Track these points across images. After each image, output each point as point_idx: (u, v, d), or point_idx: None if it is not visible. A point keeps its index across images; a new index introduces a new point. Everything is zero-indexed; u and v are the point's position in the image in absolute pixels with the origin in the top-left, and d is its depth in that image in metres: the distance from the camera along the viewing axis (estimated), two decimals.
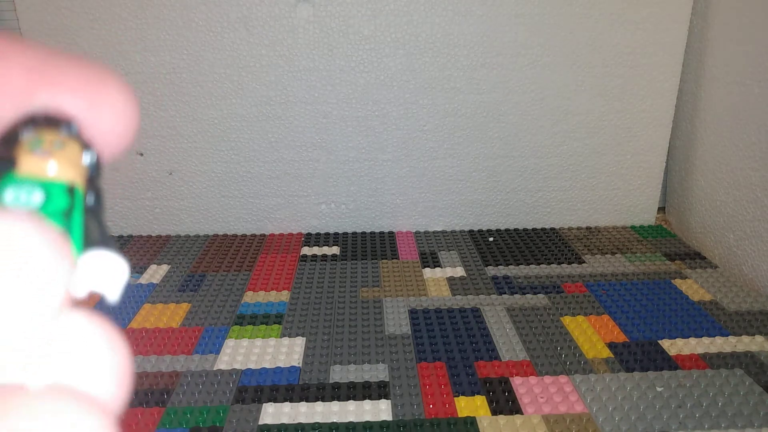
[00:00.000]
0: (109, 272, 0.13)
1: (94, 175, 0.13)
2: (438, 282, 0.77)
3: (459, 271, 0.79)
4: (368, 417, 0.53)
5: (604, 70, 0.86)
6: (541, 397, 0.55)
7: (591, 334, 0.65)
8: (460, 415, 0.53)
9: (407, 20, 0.82)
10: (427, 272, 0.79)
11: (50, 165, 0.12)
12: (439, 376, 0.58)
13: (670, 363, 0.60)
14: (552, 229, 0.93)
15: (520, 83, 0.86)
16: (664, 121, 0.89)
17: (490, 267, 0.81)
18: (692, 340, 0.64)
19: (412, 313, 0.70)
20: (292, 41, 0.82)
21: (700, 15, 0.84)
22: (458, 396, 0.56)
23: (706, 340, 0.64)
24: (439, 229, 0.93)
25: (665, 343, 0.63)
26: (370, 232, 0.92)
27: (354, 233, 0.92)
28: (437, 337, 0.65)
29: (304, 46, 0.82)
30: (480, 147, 0.89)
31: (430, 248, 0.87)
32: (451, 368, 0.59)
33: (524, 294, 0.74)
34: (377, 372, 0.59)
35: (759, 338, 0.64)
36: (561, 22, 0.83)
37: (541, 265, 0.81)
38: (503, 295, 0.73)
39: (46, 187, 0.12)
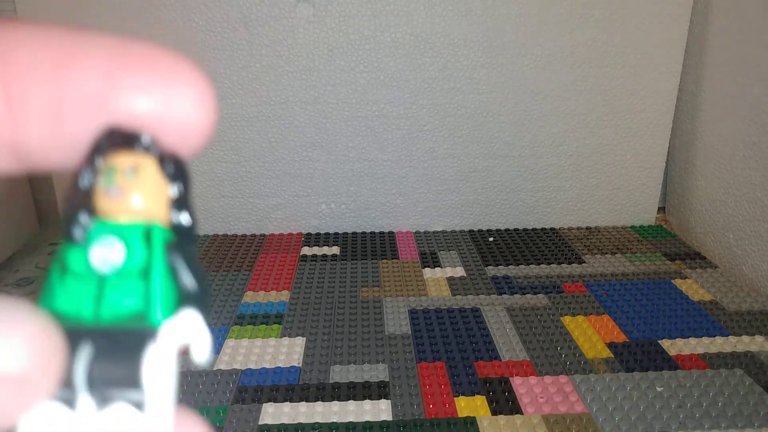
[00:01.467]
0: (195, 338, 0.12)
1: (181, 192, 0.13)
2: (438, 282, 0.77)
3: (459, 271, 0.79)
4: (368, 417, 0.53)
5: (604, 70, 0.86)
6: (541, 397, 0.55)
7: (591, 334, 0.65)
8: (460, 415, 0.53)
9: (407, 20, 0.82)
10: (427, 272, 0.79)
11: (126, 205, 0.12)
12: (439, 376, 0.58)
13: (670, 363, 0.60)
14: (552, 229, 0.93)
15: (520, 83, 0.86)
16: (665, 121, 0.89)
17: (490, 267, 0.81)
18: (692, 340, 0.64)
19: (412, 313, 0.69)
20: (292, 41, 0.82)
21: (700, 14, 0.84)
22: (458, 396, 0.55)
23: (706, 340, 0.64)
24: (439, 229, 0.93)
25: (665, 343, 0.63)
26: (370, 232, 0.92)
27: (354, 233, 0.92)
28: (437, 337, 0.65)
29: (303, 46, 0.82)
30: (480, 147, 0.89)
31: (430, 248, 0.87)
32: (451, 368, 0.59)
33: (524, 294, 0.74)
34: (377, 372, 0.59)
35: (759, 338, 0.64)
36: (561, 22, 0.83)
37: (541, 265, 0.81)
38: (503, 295, 0.73)
39: (125, 235, 0.12)
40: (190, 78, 0.12)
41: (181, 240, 0.12)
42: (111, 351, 0.11)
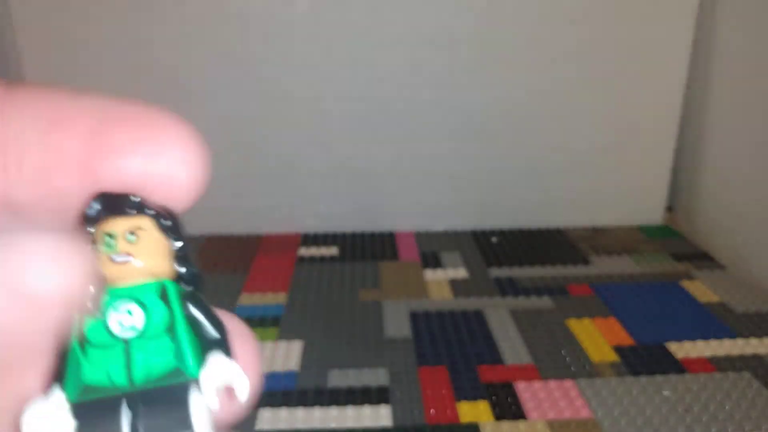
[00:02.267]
0: (232, 380, 0.12)
1: (181, 245, 0.13)
2: (439, 284, 0.76)
3: (461, 273, 0.78)
4: (368, 422, 0.52)
5: (610, 66, 0.85)
6: (546, 402, 0.54)
7: (597, 337, 0.64)
8: (462, 421, 0.52)
9: (408, 15, 0.81)
10: (429, 274, 0.78)
11: (134, 268, 0.12)
12: (441, 380, 0.57)
13: (677, 366, 0.59)
14: (557, 229, 0.92)
15: (524, 79, 0.85)
16: (672, 119, 0.88)
17: (493, 268, 0.80)
18: (700, 343, 0.63)
19: (413, 315, 0.69)
20: (289, 36, 0.81)
21: (708, 9, 0.83)
22: (460, 401, 0.55)
23: (713, 342, 0.63)
24: (440, 229, 0.92)
25: (672, 346, 0.62)
26: (370, 233, 0.91)
27: (353, 233, 0.91)
28: (439, 341, 0.64)
29: (301, 41, 0.82)
30: (483, 145, 0.88)
31: (432, 249, 0.86)
32: (453, 372, 0.59)
33: (528, 296, 0.73)
34: (377, 376, 0.58)
35: (767, 341, 0.63)
36: (565, 18, 0.82)
37: (545, 267, 0.80)
38: (507, 297, 0.72)
39: (140, 298, 0.12)
40: (177, 136, 0.13)
41: (191, 290, 0.13)
42: (155, 405, 0.11)
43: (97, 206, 0.12)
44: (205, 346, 0.12)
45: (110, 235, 0.12)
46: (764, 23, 0.74)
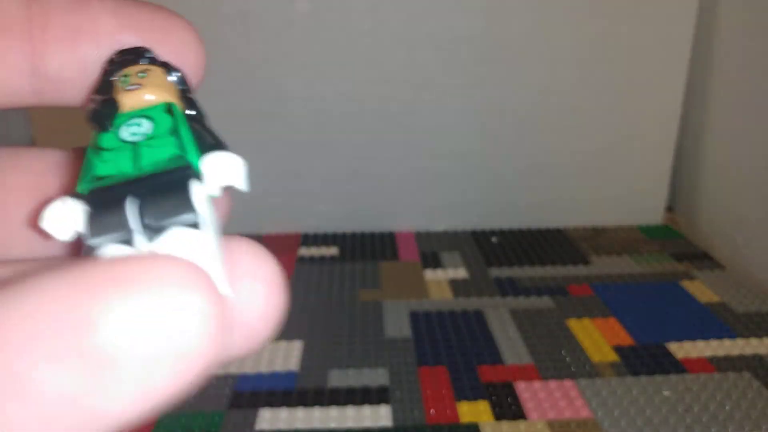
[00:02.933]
0: (231, 167, 0.13)
1: (185, 89, 0.16)
2: (440, 284, 0.76)
3: (461, 273, 0.78)
4: (368, 423, 0.52)
5: (610, 66, 0.84)
6: (546, 402, 0.54)
7: (597, 337, 0.64)
8: (462, 421, 0.52)
9: (408, 14, 0.81)
10: (429, 274, 0.78)
11: (143, 93, 0.14)
12: (441, 380, 0.57)
13: (677, 366, 0.59)
14: (557, 229, 0.92)
15: (524, 79, 0.84)
16: (672, 119, 0.88)
17: (493, 268, 0.79)
18: (700, 343, 0.63)
19: (413, 315, 0.68)
20: (289, 36, 0.81)
21: (708, 8, 0.83)
22: (460, 401, 0.55)
23: (713, 342, 0.63)
24: (440, 229, 0.92)
25: (672, 346, 0.62)
26: (370, 233, 0.91)
27: (353, 233, 0.91)
28: (439, 341, 0.64)
29: (301, 41, 0.81)
30: (483, 145, 0.88)
31: (432, 249, 0.85)
32: (453, 372, 0.58)
33: (528, 296, 0.72)
34: (377, 376, 0.58)
35: (767, 341, 0.63)
36: (566, 17, 0.82)
37: (545, 266, 0.80)
38: (507, 297, 0.72)
39: (149, 114, 0.14)
40: (181, 24, 0.15)
41: (195, 114, 0.15)
42: (158, 190, 0.12)
43: (117, 57, 0.14)
44: (203, 145, 0.13)
45: (126, 74, 0.14)
46: (765, 23, 0.74)
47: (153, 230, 0.12)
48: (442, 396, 0.55)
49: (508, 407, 0.54)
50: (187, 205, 0.12)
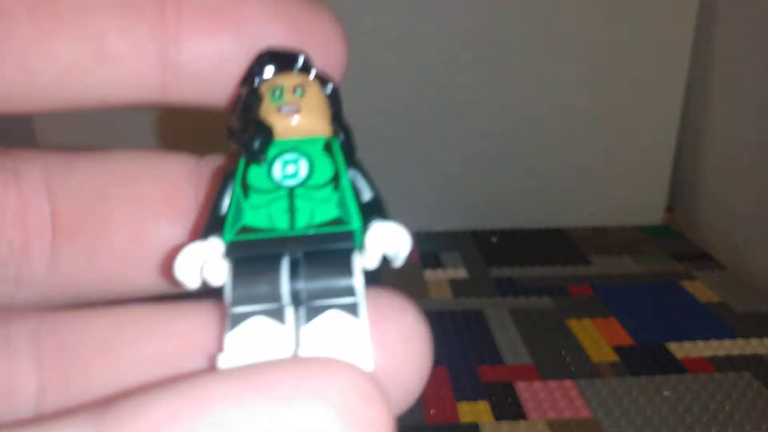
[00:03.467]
0: (397, 243, 0.12)
1: (337, 110, 0.14)
2: (439, 284, 0.76)
3: (461, 273, 0.78)
4: None
5: (610, 66, 0.85)
6: (546, 402, 0.54)
7: (597, 338, 0.64)
8: (462, 421, 0.52)
9: (407, 14, 0.81)
10: (428, 274, 0.78)
11: (302, 122, 0.12)
12: (441, 380, 0.57)
13: (677, 366, 0.59)
14: (557, 229, 0.92)
15: (524, 79, 0.84)
16: (672, 118, 0.88)
17: (493, 268, 0.79)
18: (700, 343, 0.63)
19: None
20: None
21: (708, 8, 0.83)
22: (460, 401, 0.55)
23: (714, 342, 0.63)
24: (440, 229, 0.92)
25: (672, 346, 0.62)
26: None
27: None
28: (439, 341, 0.62)
29: None
30: (483, 145, 0.87)
31: (432, 249, 0.85)
32: (453, 373, 0.58)
33: (528, 296, 0.72)
34: None
35: (767, 341, 0.63)
36: (565, 16, 0.82)
37: (545, 266, 0.80)
38: (507, 297, 0.72)
39: (306, 150, 0.12)
40: (325, 14, 0.14)
41: (351, 152, 0.13)
42: (318, 262, 0.11)
43: (266, 61, 0.12)
44: (363, 206, 0.13)
45: (278, 88, 0.12)
46: (765, 23, 0.74)
47: (307, 308, 0.11)
48: (442, 396, 0.55)
49: (508, 407, 0.54)
50: (348, 287, 0.11)
